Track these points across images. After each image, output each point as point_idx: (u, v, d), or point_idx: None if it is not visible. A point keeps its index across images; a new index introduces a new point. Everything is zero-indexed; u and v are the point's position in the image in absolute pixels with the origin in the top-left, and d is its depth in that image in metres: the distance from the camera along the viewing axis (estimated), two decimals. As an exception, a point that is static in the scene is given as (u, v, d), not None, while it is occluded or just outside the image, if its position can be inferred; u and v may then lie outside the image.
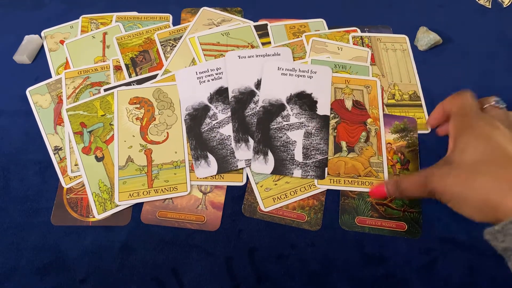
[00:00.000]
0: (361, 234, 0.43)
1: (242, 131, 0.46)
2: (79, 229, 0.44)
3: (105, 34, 0.56)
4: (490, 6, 0.59)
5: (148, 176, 0.45)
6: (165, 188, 0.44)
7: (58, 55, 0.55)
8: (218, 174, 0.45)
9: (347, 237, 0.43)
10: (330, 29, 0.56)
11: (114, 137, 0.47)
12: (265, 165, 0.45)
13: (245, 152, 0.46)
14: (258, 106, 0.48)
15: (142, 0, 0.60)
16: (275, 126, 0.46)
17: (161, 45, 0.55)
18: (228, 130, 0.47)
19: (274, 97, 0.48)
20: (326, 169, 0.45)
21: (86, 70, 0.52)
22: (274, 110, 0.47)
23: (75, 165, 0.46)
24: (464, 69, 0.53)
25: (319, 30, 0.56)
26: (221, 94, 0.49)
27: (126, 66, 0.53)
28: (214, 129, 0.47)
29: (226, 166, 0.45)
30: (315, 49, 0.53)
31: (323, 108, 0.48)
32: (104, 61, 0.54)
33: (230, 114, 0.48)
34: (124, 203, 0.44)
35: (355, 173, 0.45)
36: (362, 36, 0.55)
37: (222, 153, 0.46)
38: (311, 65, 0.51)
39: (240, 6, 0.59)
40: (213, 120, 0.47)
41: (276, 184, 0.45)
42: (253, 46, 0.54)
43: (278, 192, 0.44)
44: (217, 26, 0.57)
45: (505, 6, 0.59)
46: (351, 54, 0.53)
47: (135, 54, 0.54)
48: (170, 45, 0.55)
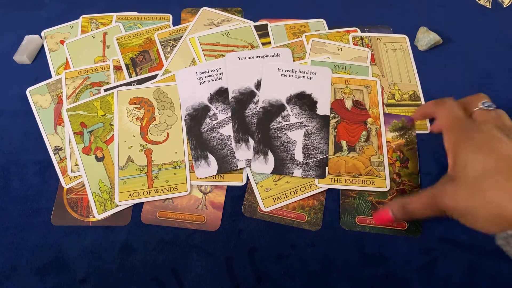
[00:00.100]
0: (361, 234, 0.43)
1: (242, 131, 0.46)
2: (79, 229, 0.44)
3: (105, 34, 0.56)
4: (490, 6, 0.59)
5: (148, 176, 0.45)
6: (165, 188, 0.44)
7: (58, 55, 0.55)
8: (218, 174, 0.45)
9: (347, 237, 0.43)
10: (330, 29, 0.56)
11: (114, 137, 0.47)
12: (265, 165, 0.45)
13: (245, 152, 0.46)
14: (258, 107, 0.48)
15: (142, 0, 0.61)
16: (275, 126, 0.46)
17: (161, 45, 0.55)
18: (228, 130, 0.47)
19: (274, 97, 0.48)
20: (327, 168, 0.45)
21: (86, 70, 0.52)
22: (274, 110, 0.47)
23: (75, 165, 0.46)
24: (464, 69, 0.53)
25: (319, 30, 0.56)
26: (221, 95, 0.49)
27: (126, 66, 0.53)
28: (214, 129, 0.47)
29: (226, 166, 0.45)
30: (315, 49, 0.53)
31: (323, 108, 0.48)
32: (104, 61, 0.54)
33: (230, 114, 0.48)
34: (124, 203, 0.44)
35: (356, 172, 0.45)
36: (362, 36, 0.55)
37: (222, 153, 0.46)
38: (311, 66, 0.51)
39: (240, 6, 0.59)
40: (213, 120, 0.47)
41: (276, 184, 0.45)
42: (253, 46, 0.54)
43: (278, 192, 0.44)
44: (217, 26, 0.57)
45: (505, 6, 0.59)
46: (351, 54, 0.53)
47: (135, 54, 0.54)
48: (170, 45, 0.55)
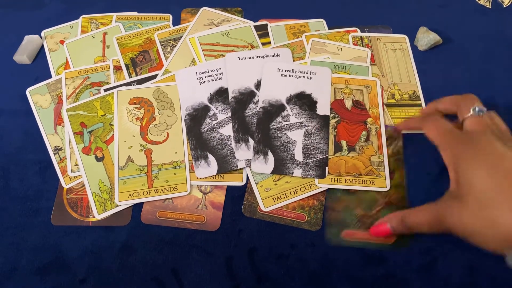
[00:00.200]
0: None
1: (242, 131, 0.46)
2: (79, 229, 0.44)
3: (105, 34, 0.56)
4: (490, 6, 0.59)
5: (148, 176, 0.45)
6: (165, 188, 0.44)
7: (58, 55, 0.55)
8: (218, 174, 0.45)
9: (347, 237, 0.43)
10: (330, 29, 0.56)
11: (114, 137, 0.47)
12: (265, 165, 0.45)
13: (245, 152, 0.46)
14: (258, 107, 0.48)
15: (142, 0, 0.61)
16: (275, 126, 0.46)
17: (161, 45, 0.55)
18: (228, 130, 0.47)
19: (274, 97, 0.48)
20: (327, 168, 0.45)
21: (86, 70, 0.52)
22: (274, 110, 0.47)
23: (75, 165, 0.46)
24: (464, 69, 0.53)
25: (319, 30, 0.56)
26: (221, 95, 0.49)
27: (126, 66, 0.53)
28: (214, 129, 0.47)
29: (226, 166, 0.45)
30: (315, 49, 0.53)
31: (323, 108, 0.48)
32: (104, 61, 0.54)
33: (230, 114, 0.48)
34: (124, 203, 0.44)
35: (356, 172, 0.45)
36: (362, 36, 0.55)
37: (222, 153, 0.46)
38: (311, 66, 0.51)
39: (240, 6, 0.59)
40: (213, 120, 0.47)
41: (276, 184, 0.45)
42: (253, 46, 0.54)
43: (278, 192, 0.44)
44: (217, 26, 0.57)
45: (505, 6, 0.59)
46: (351, 54, 0.53)
47: (135, 54, 0.54)
48: (170, 45, 0.55)
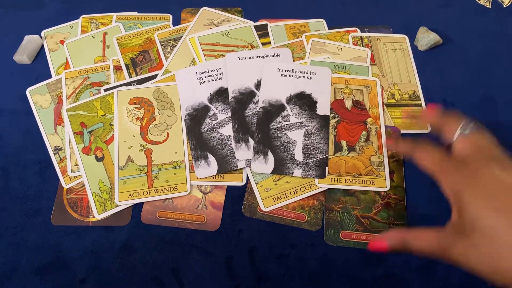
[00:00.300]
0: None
1: (242, 131, 0.46)
2: (79, 229, 0.44)
3: (105, 34, 0.56)
4: (490, 6, 0.59)
5: (148, 176, 0.45)
6: (165, 188, 0.44)
7: (58, 55, 0.55)
8: (218, 174, 0.45)
9: (347, 237, 0.43)
10: (330, 29, 0.56)
11: (114, 137, 0.47)
12: (265, 165, 0.45)
13: (245, 152, 0.46)
14: (258, 107, 0.48)
15: (142, 0, 0.61)
16: (275, 126, 0.46)
17: (161, 45, 0.55)
18: (228, 130, 0.47)
19: (274, 97, 0.48)
20: (327, 168, 0.45)
21: (86, 70, 0.52)
22: (274, 110, 0.47)
23: (75, 165, 0.46)
24: (464, 69, 0.53)
25: (319, 30, 0.56)
26: (221, 95, 0.49)
27: (126, 66, 0.53)
28: (214, 129, 0.47)
29: (226, 166, 0.45)
30: (315, 49, 0.53)
31: (323, 108, 0.48)
32: (104, 61, 0.54)
33: (230, 114, 0.48)
34: (124, 203, 0.44)
35: (356, 172, 0.45)
36: (362, 36, 0.55)
37: (222, 153, 0.46)
38: (311, 66, 0.51)
39: (240, 6, 0.59)
40: (213, 120, 0.47)
41: (276, 184, 0.45)
42: (253, 46, 0.54)
43: (278, 192, 0.44)
44: (217, 26, 0.57)
45: (505, 6, 0.59)
46: (351, 54, 0.53)
47: (135, 54, 0.54)
48: (170, 45, 0.55)
